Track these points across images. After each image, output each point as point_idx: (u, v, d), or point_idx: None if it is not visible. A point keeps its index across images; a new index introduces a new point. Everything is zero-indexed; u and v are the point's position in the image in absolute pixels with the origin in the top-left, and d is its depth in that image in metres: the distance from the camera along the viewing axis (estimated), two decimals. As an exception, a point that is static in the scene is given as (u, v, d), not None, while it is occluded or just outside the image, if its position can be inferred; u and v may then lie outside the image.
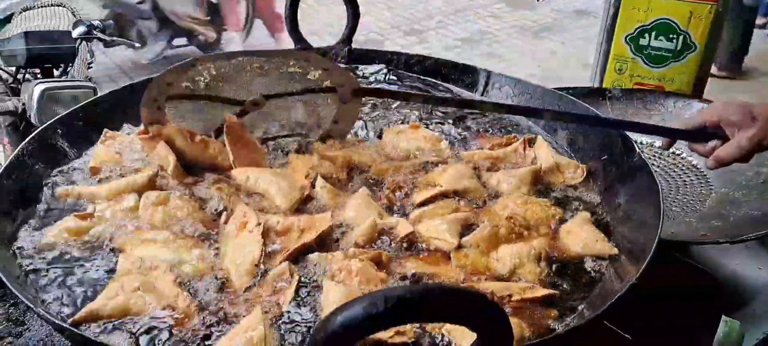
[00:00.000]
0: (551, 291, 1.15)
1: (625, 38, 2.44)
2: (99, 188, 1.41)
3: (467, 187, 1.44)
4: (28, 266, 1.20)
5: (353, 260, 1.16)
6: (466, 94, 1.91)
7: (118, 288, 1.11)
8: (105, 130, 1.59)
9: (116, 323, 1.07)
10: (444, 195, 1.41)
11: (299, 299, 1.12)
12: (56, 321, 1.04)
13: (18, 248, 1.25)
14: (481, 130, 1.74)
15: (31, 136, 1.48)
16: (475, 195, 1.44)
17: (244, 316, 1.07)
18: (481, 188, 1.47)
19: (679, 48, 2.38)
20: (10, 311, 1.53)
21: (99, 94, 1.86)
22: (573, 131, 1.66)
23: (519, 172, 1.51)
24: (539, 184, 1.51)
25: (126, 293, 1.10)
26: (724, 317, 1.36)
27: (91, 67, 3.74)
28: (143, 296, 1.10)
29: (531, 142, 1.63)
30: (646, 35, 2.40)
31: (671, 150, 2.05)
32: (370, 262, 1.17)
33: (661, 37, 2.39)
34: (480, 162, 1.57)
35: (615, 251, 1.27)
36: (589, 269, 1.24)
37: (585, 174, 1.52)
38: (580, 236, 1.31)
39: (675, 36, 2.37)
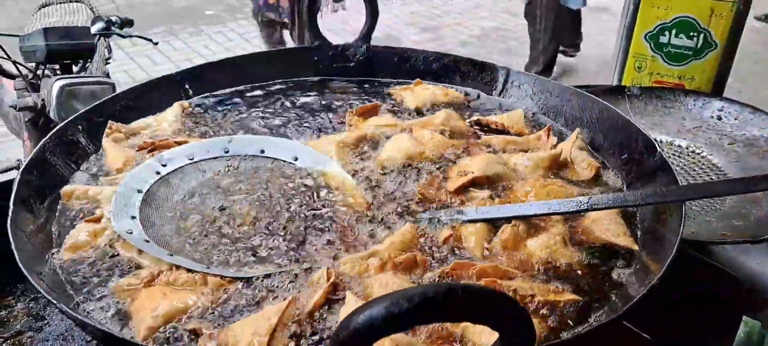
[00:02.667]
0: (575, 297, 1.13)
1: (645, 36, 2.41)
2: (102, 189, 1.41)
3: (498, 172, 1.44)
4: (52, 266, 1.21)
5: (386, 273, 1.15)
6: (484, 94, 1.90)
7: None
8: (110, 122, 1.60)
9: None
10: (477, 181, 1.41)
11: (328, 305, 1.10)
12: (79, 317, 1.05)
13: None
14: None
15: (52, 132, 1.49)
16: (506, 180, 1.44)
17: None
18: (511, 173, 1.47)
19: (699, 46, 2.35)
20: (31, 306, 1.55)
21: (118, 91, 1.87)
22: (594, 129, 1.64)
23: (536, 155, 1.52)
24: (554, 173, 1.50)
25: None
26: (744, 318, 1.34)
27: (109, 63, 3.76)
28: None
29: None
30: (666, 33, 2.38)
31: (691, 149, 2.03)
32: (404, 271, 1.16)
33: (681, 35, 2.36)
34: (497, 146, 1.59)
35: (635, 247, 1.26)
36: (610, 268, 1.23)
37: (594, 172, 1.50)
38: (605, 225, 1.30)
39: (695, 34, 2.34)
